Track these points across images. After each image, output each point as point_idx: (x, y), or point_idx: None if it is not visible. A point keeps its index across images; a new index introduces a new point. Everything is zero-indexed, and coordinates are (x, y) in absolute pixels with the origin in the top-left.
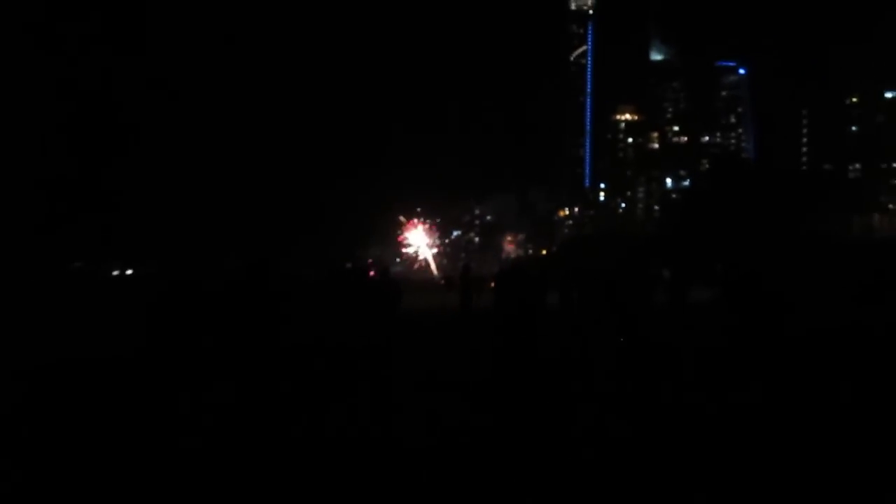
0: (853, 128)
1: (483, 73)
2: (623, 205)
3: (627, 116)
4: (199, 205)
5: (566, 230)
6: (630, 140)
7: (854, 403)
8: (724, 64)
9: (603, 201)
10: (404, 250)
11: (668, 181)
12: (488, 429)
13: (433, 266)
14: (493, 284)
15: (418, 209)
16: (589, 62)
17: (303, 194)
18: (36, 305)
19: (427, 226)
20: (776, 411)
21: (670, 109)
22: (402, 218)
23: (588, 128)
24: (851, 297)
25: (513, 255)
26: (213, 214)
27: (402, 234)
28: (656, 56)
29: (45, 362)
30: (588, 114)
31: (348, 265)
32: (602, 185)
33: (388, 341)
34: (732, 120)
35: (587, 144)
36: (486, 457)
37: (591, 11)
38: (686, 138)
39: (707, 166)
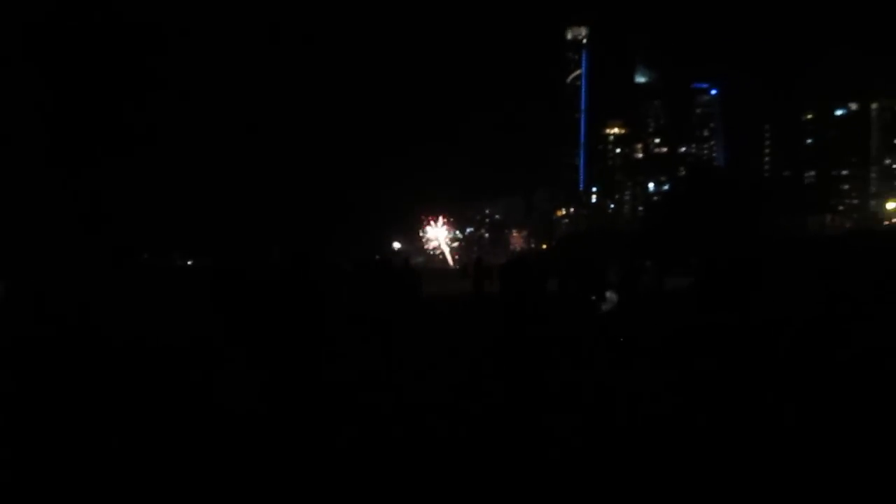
0: (808, 140)
1: (494, 92)
2: (612, 205)
3: (616, 130)
4: (247, 203)
5: (564, 227)
6: (618, 150)
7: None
8: (699, 86)
9: (595, 202)
10: (426, 244)
11: (651, 185)
12: (485, 380)
13: (450, 258)
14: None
15: (437, 209)
16: (583, 84)
17: (338, 195)
18: (120, 292)
19: (445, 223)
20: (729, 366)
21: (652, 124)
22: (423, 217)
23: (582, 140)
24: (804, 284)
25: (518, 249)
26: (261, 212)
27: (423, 230)
28: (640, 79)
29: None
30: (582, 128)
31: (377, 257)
32: (594, 189)
33: (408, 317)
34: (705, 133)
35: (581, 154)
36: (479, 401)
37: (584, 41)
38: (666, 149)
39: (683, 173)
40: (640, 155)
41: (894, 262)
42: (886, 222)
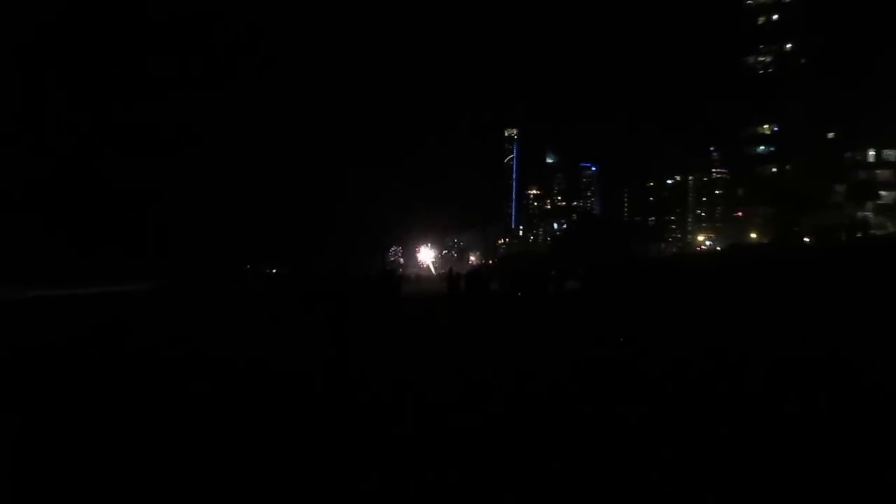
0: (651, 198)
1: (462, 169)
2: (532, 237)
3: (534, 191)
4: (304, 228)
5: (502, 250)
6: (535, 203)
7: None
8: (585, 165)
9: (521, 235)
10: (418, 261)
11: (555, 225)
12: (455, 326)
13: (432, 269)
14: (464, 278)
15: (426, 238)
16: (514, 163)
17: (363, 227)
18: (240, 295)
19: (430, 246)
20: (596, 323)
21: (556, 188)
22: (418, 242)
23: (514, 196)
24: (641, 280)
25: (475, 263)
26: (313, 234)
27: (417, 251)
28: (550, 160)
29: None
30: (514, 190)
31: (388, 268)
32: (521, 226)
33: (397, 303)
34: (588, 194)
35: (514, 205)
36: (453, 332)
37: (516, 136)
38: (564, 203)
39: (575, 218)
40: (549, 206)
41: (693, 268)
42: (697, 248)
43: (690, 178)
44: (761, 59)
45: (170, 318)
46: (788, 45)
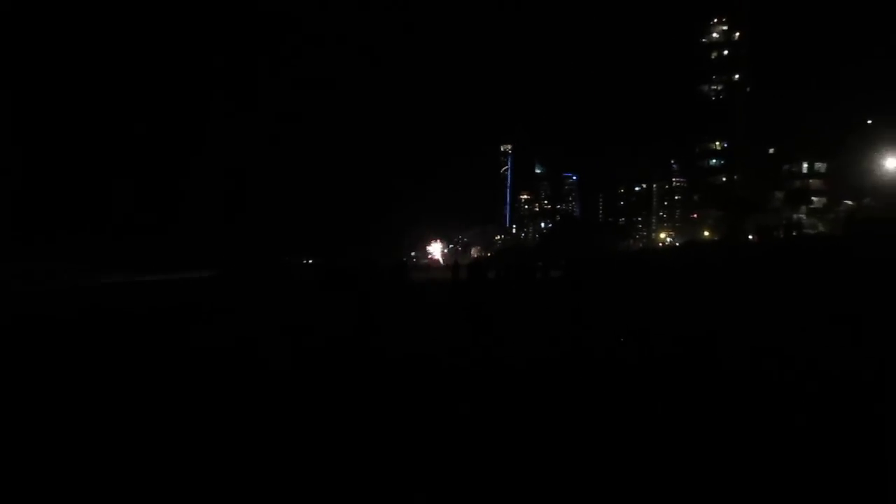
0: (621, 202)
1: (465, 181)
2: (523, 234)
3: (525, 196)
4: (336, 224)
5: (498, 245)
6: (526, 206)
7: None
8: (567, 174)
9: (514, 233)
10: (430, 254)
11: (542, 224)
12: (458, 304)
13: (441, 260)
14: (465, 269)
15: (436, 235)
16: (509, 174)
17: (385, 224)
18: (283, 283)
19: (439, 242)
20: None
21: (543, 194)
22: (429, 238)
23: (508, 202)
24: (615, 275)
25: (475, 256)
26: (343, 230)
27: (429, 245)
28: (538, 170)
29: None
30: (508, 196)
31: (403, 259)
32: (514, 226)
33: (408, 287)
34: (570, 199)
35: (508, 208)
36: (458, 312)
37: (510, 151)
38: (550, 206)
39: (558, 219)
40: (537, 209)
41: (655, 261)
42: (660, 244)
43: (654, 185)
44: (713, 87)
45: (240, 296)
46: (736, 76)
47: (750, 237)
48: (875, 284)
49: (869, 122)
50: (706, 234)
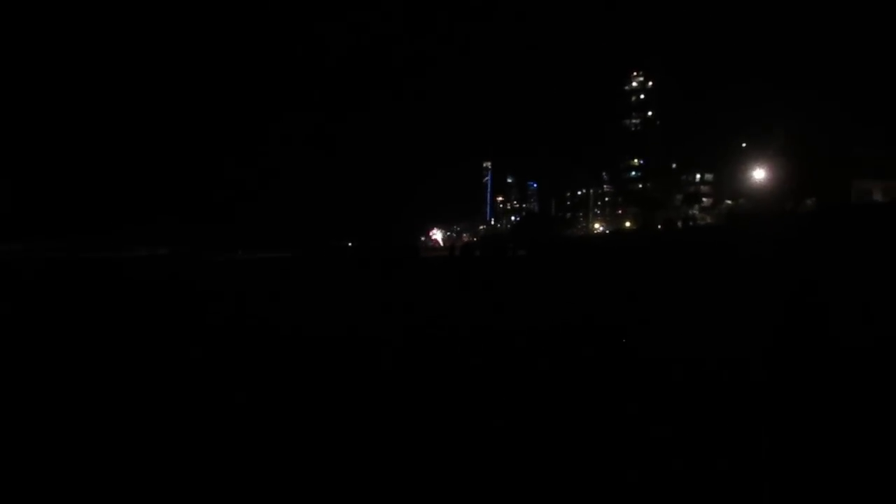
0: (568, 203)
1: (459, 187)
2: (498, 225)
3: (501, 198)
4: (367, 214)
5: (482, 233)
6: (501, 206)
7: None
8: (530, 183)
9: (493, 224)
10: (432, 237)
11: (513, 218)
12: (454, 271)
13: (441, 243)
14: (458, 249)
15: (438, 225)
16: (489, 184)
17: (401, 216)
18: (337, 263)
19: (440, 230)
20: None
21: (513, 196)
22: (432, 227)
23: (489, 202)
24: (563, 253)
25: (466, 241)
26: (373, 220)
27: (433, 232)
28: (509, 180)
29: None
30: (488, 199)
31: (414, 243)
32: (493, 220)
33: (418, 262)
34: (532, 200)
35: (488, 207)
36: (452, 283)
37: (489, 167)
38: (518, 205)
39: (524, 214)
40: (509, 207)
41: (591, 242)
42: (594, 232)
43: (591, 190)
44: (634, 121)
45: (316, 269)
46: (649, 113)
47: (658, 227)
48: (744, 259)
49: (743, 144)
50: (627, 224)
